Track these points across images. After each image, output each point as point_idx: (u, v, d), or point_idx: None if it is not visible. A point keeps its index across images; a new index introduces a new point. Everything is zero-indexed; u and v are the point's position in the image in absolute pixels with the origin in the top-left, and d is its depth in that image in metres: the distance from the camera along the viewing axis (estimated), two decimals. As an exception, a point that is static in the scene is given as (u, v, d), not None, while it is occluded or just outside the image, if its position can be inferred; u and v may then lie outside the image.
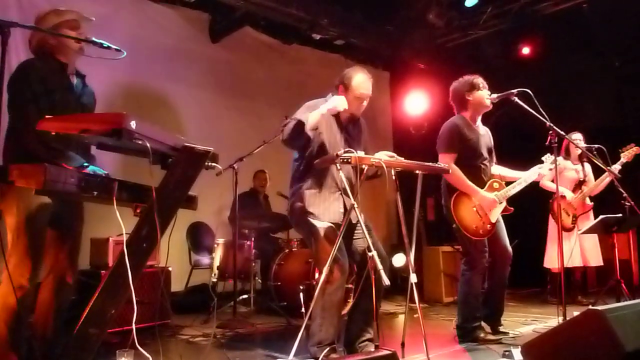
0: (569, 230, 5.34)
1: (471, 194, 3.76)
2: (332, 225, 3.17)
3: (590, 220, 5.22)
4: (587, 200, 5.48)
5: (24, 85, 2.56)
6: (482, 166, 3.88)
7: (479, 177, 3.82)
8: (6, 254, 2.48)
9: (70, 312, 2.76)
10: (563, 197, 5.21)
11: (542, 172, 3.89)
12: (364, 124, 3.55)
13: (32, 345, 2.67)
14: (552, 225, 5.56)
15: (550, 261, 5.53)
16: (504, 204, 3.84)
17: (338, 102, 3.15)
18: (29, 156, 2.46)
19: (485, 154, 3.92)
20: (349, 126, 3.43)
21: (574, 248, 5.29)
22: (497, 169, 4.03)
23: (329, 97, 3.39)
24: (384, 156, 3.05)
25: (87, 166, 2.50)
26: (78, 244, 2.90)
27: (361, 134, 3.50)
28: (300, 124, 3.08)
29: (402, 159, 3.08)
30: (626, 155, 5.02)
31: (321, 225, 3.18)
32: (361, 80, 3.31)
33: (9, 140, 2.65)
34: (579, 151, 5.48)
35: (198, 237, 5.92)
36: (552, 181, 5.31)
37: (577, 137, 5.37)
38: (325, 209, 3.23)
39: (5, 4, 5.00)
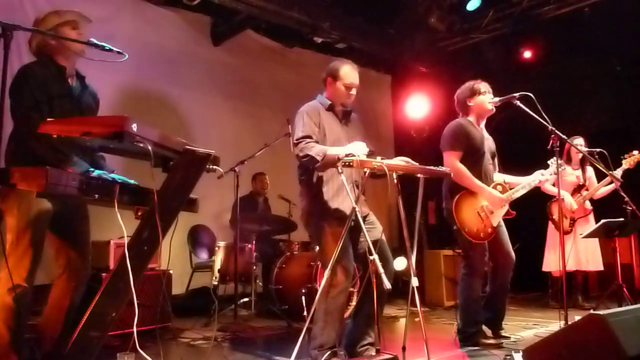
0: (566, 233, 5.33)
1: (479, 192, 3.75)
2: (341, 228, 3.12)
3: (590, 224, 5.21)
4: (587, 204, 5.46)
5: (25, 91, 2.57)
6: (485, 167, 3.87)
7: (481, 178, 3.81)
8: (5, 255, 2.48)
9: (72, 315, 2.76)
10: (562, 200, 5.19)
11: (542, 179, 3.89)
12: (357, 118, 3.57)
13: (34, 347, 2.67)
14: (550, 229, 5.55)
15: (548, 265, 5.53)
16: (507, 207, 3.83)
17: (359, 150, 3.01)
18: (32, 159, 2.46)
19: (489, 157, 3.93)
20: (345, 121, 3.45)
21: (570, 252, 5.28)
22: (500, 177, 4.03)
23: (319, 97, 3.44)
24: (400, 162, 3.05)
25: (92, 171, 2.50)
26: (88, 243, 2.90)
27: (358, 128, 3.52)
28: (316, 162, 3.07)
29: (417, 163, 3.08)
30: (628, 162, 4.97)
31: (330, 227, 3.15)
32: (348, 69, 3.37)
33: (11, 143, 2.66)
34: (580, 155, 5.48)
35: (199, 240, 5.92)
36: (553, 185, 5.31)
37: (579, 142, 5.36)
38: (338, 211, 3.20)
39: (8, 7, 5.01)
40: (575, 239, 5.31)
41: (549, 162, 3.91)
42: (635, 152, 5.01)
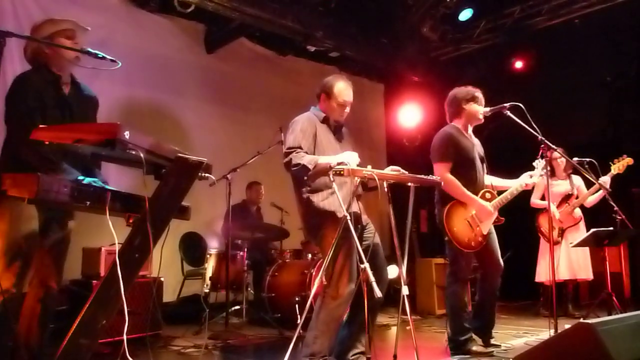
0: (556, 244, 5.35)
1: (468, 203, 3.76)
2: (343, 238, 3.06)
3: (581, 232, 5.24)
4: (576, 213, 5.48)
5: (21, 100, 2.58)
6: (476, 175, 3.88)
7: (473, 185, 3.82)
8: None
9: (61, 322, 2.73)
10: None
11: (529, 182, 3.89)
12: (348, 132, 3.58)
13: (17, 356, 2.64)
14: (542, 240, 5.58)
15: (540, 275, 5.55)
16: (496, 214, 3.84)
17: (351, 159, 2.99)
18: (24, 166, 2.45)
19: (479, 163, 3.94)
20: (337, 135, 3.46)
21: (561, 261, 5.31)
22: (488, 179, 4.04)
23: (312, 109, 3.44)
24: (390, 172, 3.05)
25: (82, 180, 2.49)
26: (65, 249, 2.86)
27: (349, 141, 3.53)
28: (307, 171, 3.06)
29: (407, 172, 3.08)
30: (618, 167, 4.97)
31: (333, 236, 3.09)
32: (342, 87, 3.36)
33: (5, 151, 2.66)
34: (563, 166, 5.52)
35: (191, 248, 5.91)
36: (541, 198, 5.36)
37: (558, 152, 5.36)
38: (340, 219, 3.18)
39: (1, 14, 5.01)
40: (566, 248, 5.33)
41: (534, 163, 3.91)
42: (625, 156, 5.03)
